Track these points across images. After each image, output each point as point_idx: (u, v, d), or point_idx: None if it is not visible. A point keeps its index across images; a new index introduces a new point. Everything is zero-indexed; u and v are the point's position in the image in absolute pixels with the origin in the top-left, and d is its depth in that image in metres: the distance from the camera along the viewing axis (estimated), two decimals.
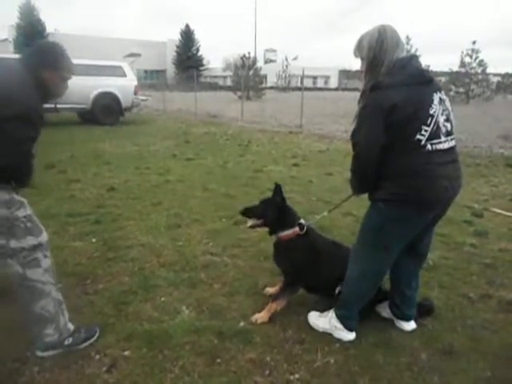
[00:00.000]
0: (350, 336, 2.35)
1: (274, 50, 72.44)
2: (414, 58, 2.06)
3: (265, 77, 41.66)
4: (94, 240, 3.69)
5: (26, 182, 2.01)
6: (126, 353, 2.21)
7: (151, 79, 41.33)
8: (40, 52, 2.00)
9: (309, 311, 2.55)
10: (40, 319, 2.11)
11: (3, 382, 1.97)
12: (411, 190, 1.98)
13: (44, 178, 5.79)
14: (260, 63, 41.79)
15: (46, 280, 2.08)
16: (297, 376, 2.08)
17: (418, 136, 1.93)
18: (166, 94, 19.89)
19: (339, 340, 2.34)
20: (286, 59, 42.45)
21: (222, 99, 23.54)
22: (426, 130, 1.93)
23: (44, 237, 2.11)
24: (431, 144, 1.95)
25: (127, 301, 2.71)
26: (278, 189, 2.56)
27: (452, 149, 2.03)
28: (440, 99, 1.99)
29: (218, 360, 2.17)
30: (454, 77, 27.56)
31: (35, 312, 2.09)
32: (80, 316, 2.49)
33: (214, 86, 43.38)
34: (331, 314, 2.39)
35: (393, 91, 1.91)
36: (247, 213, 2.63)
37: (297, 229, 2.52)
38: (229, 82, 42.77)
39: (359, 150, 2.04)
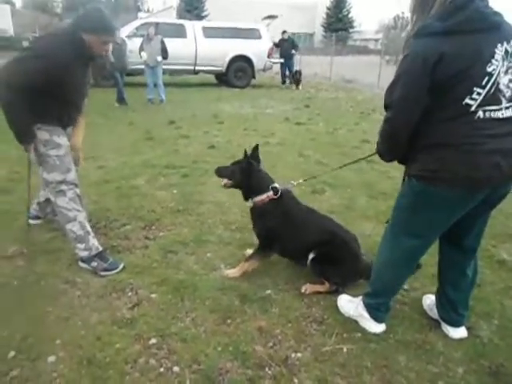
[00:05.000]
0: (377, 328, 2.08)
1: None
2: None
3: None
4: (175, 191, 3.99)
5: (48, 118, 2.39)
6: (153, 295, 2.38)
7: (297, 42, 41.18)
8: (80, 17, 2.32)
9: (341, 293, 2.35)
10: (71, 238, 2.57)
11: (49, 297, 2.34)
12: (449, 165, 1.58)
13: (162, 133, 6.46)
14: None
15: (70, 207, 2.51)
16: (299, 355, 1.95)
17: (468, 100, 1.50)
18: (302, 58, 19.62)
19: (364, 330, 2.10)
20: None
21: (366, 63, 22.14)
22: (478, 93, 1.49)
23: (70, 175, 2.52)
24: (484, 111, 1.50)
25: (176, 250, 2.89)
26: (253, 152, 2.57)
27: None
28: (506, 52, 1.50)
29: (229, 321, 2.17)
30: None
31: (66, 232, 2.57)
32: (130, 255, 2.78)
33: (361, 50, 40.88)
34: (359, 300, 2.15)
35: (441, 38, 1.50)
36: (219, 172, 2.67)
37: (270, 193, 2.43)
38: (380, 46, 39.77)
39: (392, 113, 1.66)
